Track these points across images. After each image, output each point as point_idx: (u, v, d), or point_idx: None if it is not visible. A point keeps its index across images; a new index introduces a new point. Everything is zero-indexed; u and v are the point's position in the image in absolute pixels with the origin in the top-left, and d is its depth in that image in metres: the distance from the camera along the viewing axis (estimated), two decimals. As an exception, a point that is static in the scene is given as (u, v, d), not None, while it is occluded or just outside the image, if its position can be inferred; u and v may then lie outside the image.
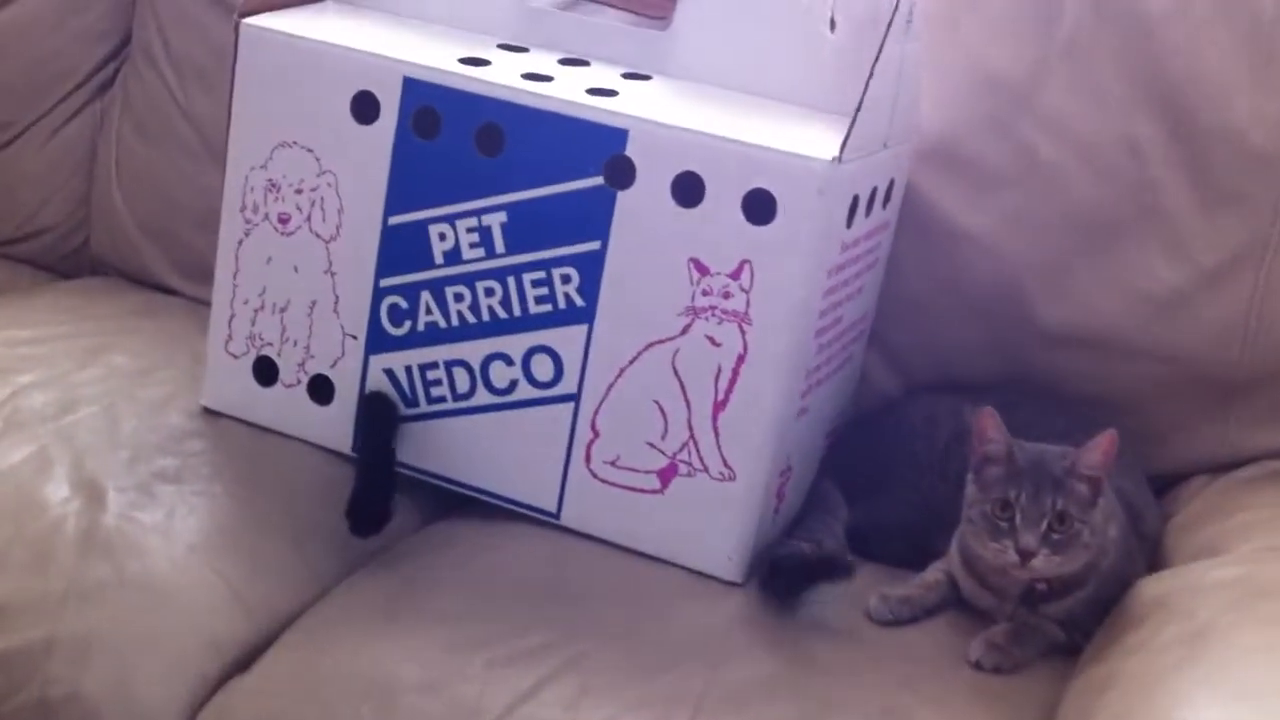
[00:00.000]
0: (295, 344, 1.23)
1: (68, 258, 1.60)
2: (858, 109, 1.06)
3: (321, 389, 1.23)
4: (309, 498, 1.21)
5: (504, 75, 1.15)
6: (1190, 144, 1.21)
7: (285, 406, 1.25)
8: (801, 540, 1.14)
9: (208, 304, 1.44)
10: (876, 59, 1.06)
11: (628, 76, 1.19)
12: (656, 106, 1.13)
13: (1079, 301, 1.24)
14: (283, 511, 1.19)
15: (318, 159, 1.19)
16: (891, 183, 1.20)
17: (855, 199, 1.11)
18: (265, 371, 1.25)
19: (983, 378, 1.27)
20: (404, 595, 1.11)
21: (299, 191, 1.20)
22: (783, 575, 1.10)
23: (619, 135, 1.10)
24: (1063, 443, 1.11)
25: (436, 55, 1.17)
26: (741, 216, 1.08)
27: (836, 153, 1.06)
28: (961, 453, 1.17)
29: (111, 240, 1.56)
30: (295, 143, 1.19)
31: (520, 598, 1.11)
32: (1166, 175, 1.21)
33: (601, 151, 1.11)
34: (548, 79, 1.15)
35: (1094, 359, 1.24)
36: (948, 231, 1.26)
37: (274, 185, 1.21)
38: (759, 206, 1.07)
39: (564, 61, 1.21)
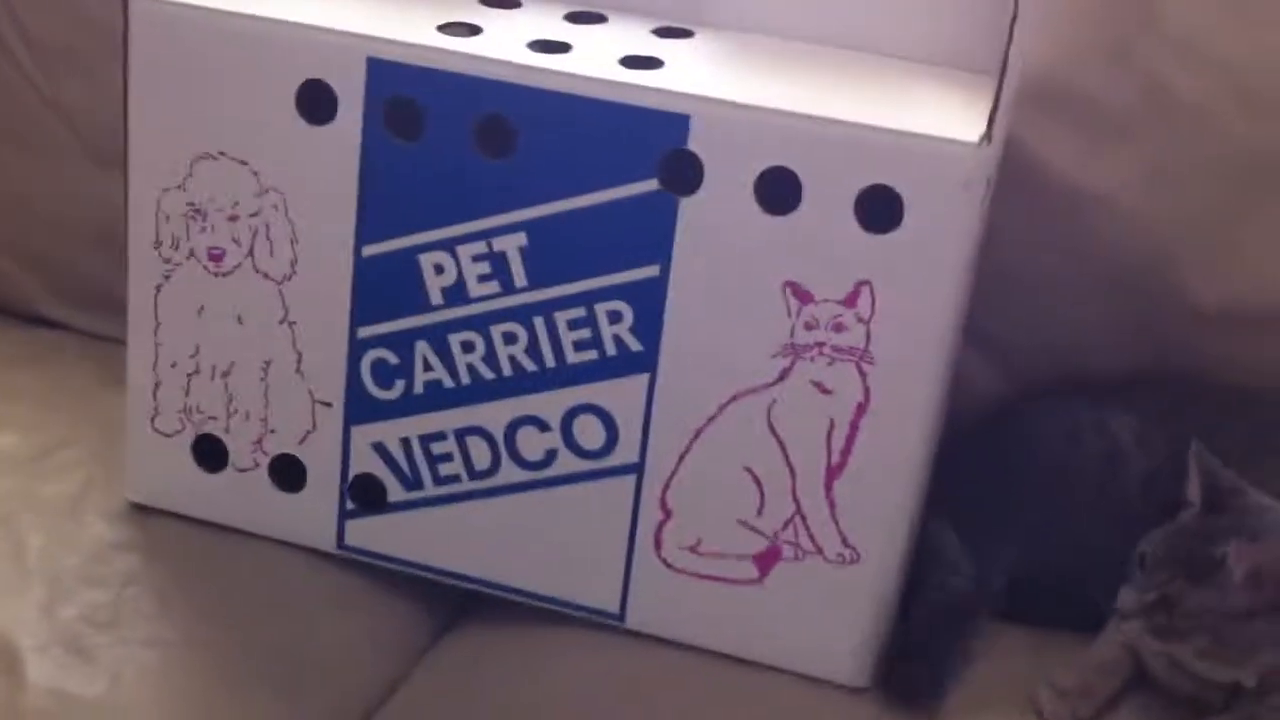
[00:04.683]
0: (248, 417, 0.93)
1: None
2: (1004, 66, 0.78)
3: (288, 472, 0.94)
4: (291, 619, 0.93)
5: (503, 47, 0.85)
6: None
7: (241, 496, 0.95)
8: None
9: (104, 339, 1.15)
10: (1020, -8, 0.79)
11: (662, 34, 0.90)
12: (719, 78, 0.84)
13: (1244, 270, 0.98)
14: (263, 647, 0.90)
15: (255, 174, 0.88)
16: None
17: (988, 182, 0.84)
18: (210, 453, 0.95)
19: (1117, 372, 1.01)
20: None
21: (233, 218, 0.90)
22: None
23: (677, 123, 0.81)
24: (1251, 460, 0.88)
25: (406, 23, 0.86)
26: (855, 223, 0.80)
27: (983, 130, 0.78)
28: (1120, 480, 0.93)
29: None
30: (222, 153, 0.88)
31: (595, 742, 0.85)
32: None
33: (653, 146, 0.82)
34: (563, 47, 0.86)
35: (1268, 341, 0.99)
36: (1063, 192, 0.99)
37: (198, 211, 0.90)
38: (879, 208, 0.79)
39: (572, 18, 0.91)
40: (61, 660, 0.86)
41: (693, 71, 0.84)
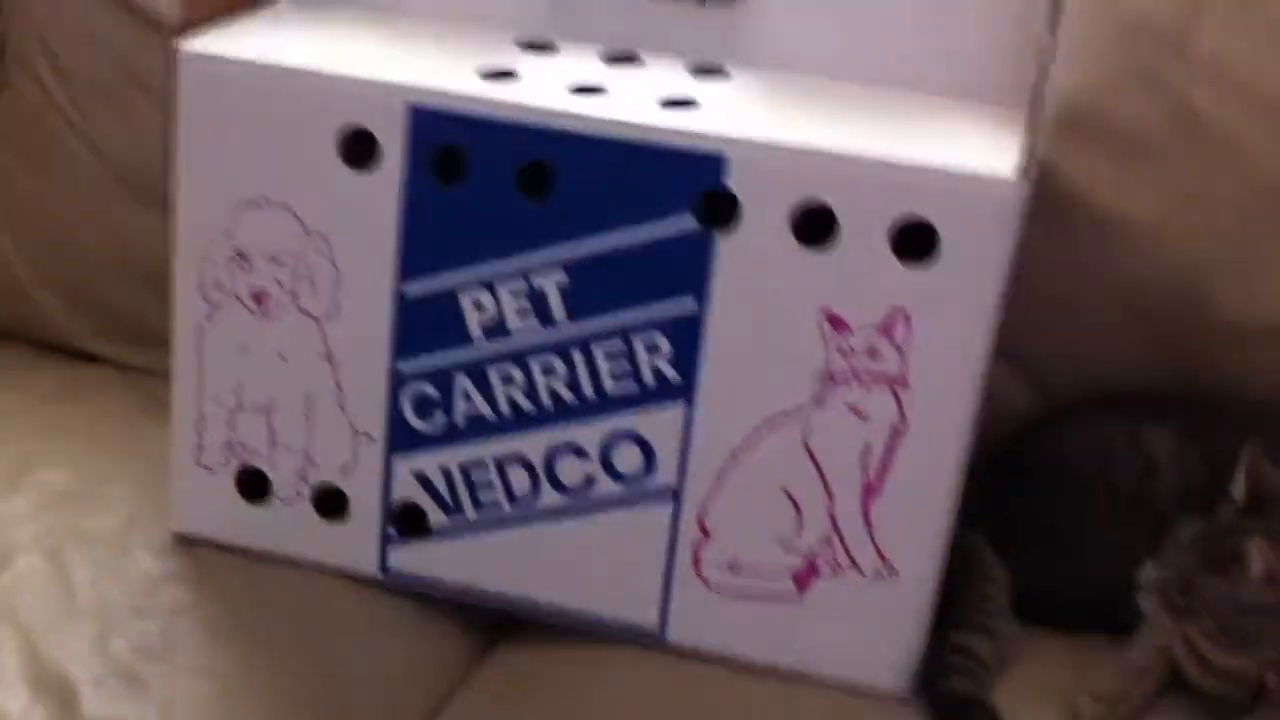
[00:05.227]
0: (290, 450, 0.96)
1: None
2: (1035, 102, 0.82)
3: (331, 502, 0.96)
4: (337, 644, 0.95)
5: (544, 92, 0.87)
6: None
7: (284, 526, 0.98)
8: (969, 636, 0.93)
9: (141, 371, 1.18)
10: (1054, 23, 0.82)
11: (699, 73, 0.93)
12: (754, 117, 0.87)
13: (1271, 291, 1.01)
14: (310, 674, 0.92)
15: (300, 220, 0.90)
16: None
17: (1021, 213, 0.87)
18: (253, 485, 0.97)
19: (1146, 389, 1.04)
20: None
21: (278, 262, 0.92)
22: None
23: (713, 163, 0.84)
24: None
25: (446, 69, 0.89)
26: (890, 255, 0.83)
27: (1016, 164, 0.82)
28: (1152, 496, 0.96)
29: (7, 299, 1.24)
30: (268, 200, 0.91)
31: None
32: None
33: (691, 184, 0.85)
34: (599, 91, 0.88)
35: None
36: (1093, 216, 1.01)
37: (242, 256, 0.92)
38: (913, 240, 0.83)
39: (610, 60, 0.94)
40: (115, 691, 0.88)
41: (728, 111, 0.87)
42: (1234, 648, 0.87)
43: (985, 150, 0.83)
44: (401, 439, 0.94)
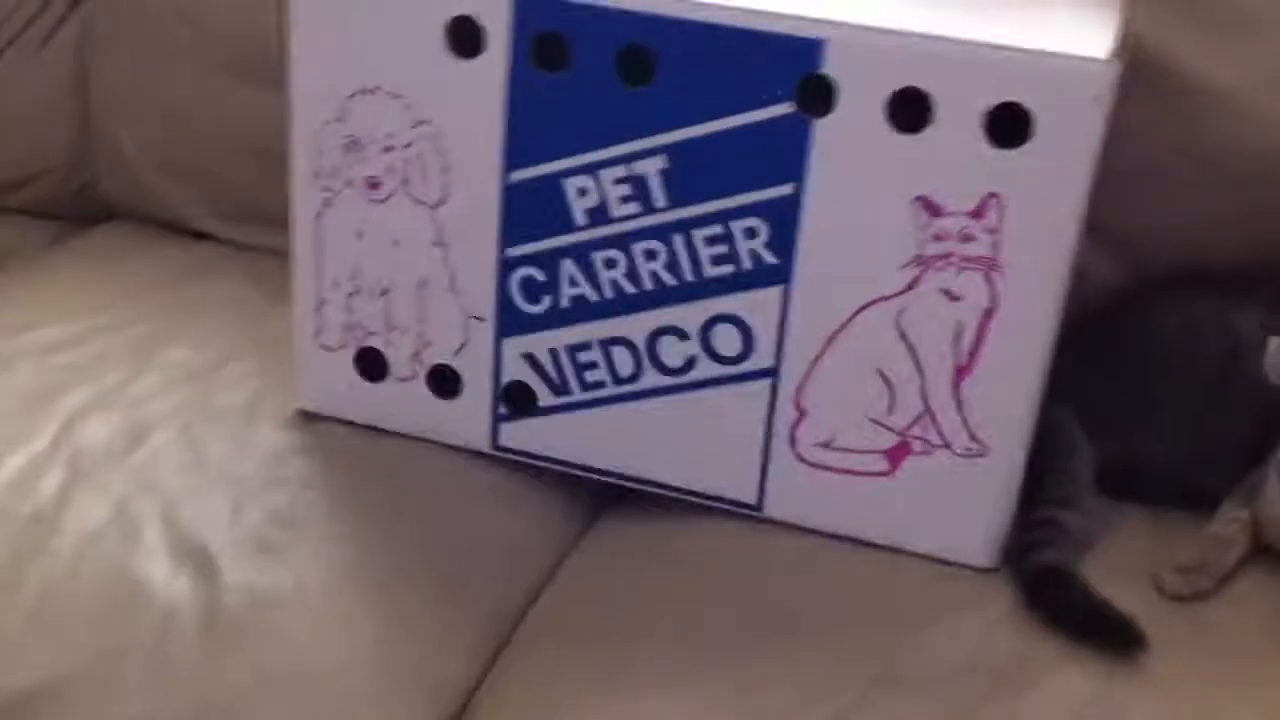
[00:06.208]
0: (406, 332, 1.00)
1: (75, 201, 1.34)
2: (1126, -14, 0.82)
3: (445, 380, 1.01)
4: (452, 514, 1.00)
5: (644, -23, 0.90)
6: None
7: (402, 403, 1.03)
8: (1057, 510, 0.95)
9: (255, 249, 1.23)
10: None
11: (793, -44, 0.94)
12: (850, 1, 0.88)
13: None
14: (431, 542, 0.98)
15: (409, 107, 0.94)
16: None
17: (1113, 93, 0.87)
18: (372, 365, 1.02)
19: (1234, 263, 1.05)
20: (605, 641, 0.91)
21: (389, 149, 0.96)
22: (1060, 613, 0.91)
23: (813, 48, 0.85)
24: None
25: (547, -44, 0.91)
26: (984, 140, 0.84)
27: (1111, 47, 0.82)
28: (1241, 371, 0.96)
29: (123, 179, 1.30)
30: (378, 88, 0.94)
31: (750, 630, 0.91)
32: None
33: (790, 70, 0.86)
34: (698, -25, 0.90)
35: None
36: (1184, 88, 1.02)
37: (355, 143, 0.96)
38: (1008, 125, 0.83)
39: (705, -57, 0.95)
40: (251, 561, 0.94)
41: (824, -3, 0.89)
42: None
43: (1079, 32, 0.84)
44: (510, 321, 0.98)
